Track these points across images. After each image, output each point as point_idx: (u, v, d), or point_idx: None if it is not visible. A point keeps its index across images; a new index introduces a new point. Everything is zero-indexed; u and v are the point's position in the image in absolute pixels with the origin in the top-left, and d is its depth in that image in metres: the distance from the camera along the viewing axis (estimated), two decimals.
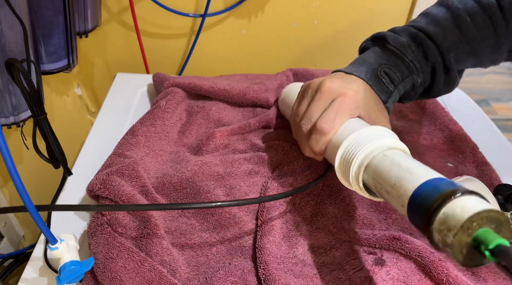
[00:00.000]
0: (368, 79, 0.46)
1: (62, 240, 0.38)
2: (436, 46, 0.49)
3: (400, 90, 0.48)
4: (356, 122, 0.43)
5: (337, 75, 0.48)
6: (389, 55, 0.48)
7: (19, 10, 0.47)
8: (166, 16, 0.83)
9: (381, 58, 0.48)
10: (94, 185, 0.45)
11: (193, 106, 0.62)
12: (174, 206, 0.46)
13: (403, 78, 0.48)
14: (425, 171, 0.33)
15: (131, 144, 0.52)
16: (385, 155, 0.37)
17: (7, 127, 0.54)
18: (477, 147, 0.56)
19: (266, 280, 0.39)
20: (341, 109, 0.43)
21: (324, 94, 0.45)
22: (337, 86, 0.45)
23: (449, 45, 0.49)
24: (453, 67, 0.49)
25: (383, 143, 0.38)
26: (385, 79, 0.47)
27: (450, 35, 0.49)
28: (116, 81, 0.73)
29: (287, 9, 0.84)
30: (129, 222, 0.44)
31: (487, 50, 0.50)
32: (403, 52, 0.48)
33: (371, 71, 0.47)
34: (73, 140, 0.83)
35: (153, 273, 0.38)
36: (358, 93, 0.44)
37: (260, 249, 0.42)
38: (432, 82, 0.51)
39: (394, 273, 0.41)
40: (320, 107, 0.45)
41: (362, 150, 0.38)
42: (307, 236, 0.45)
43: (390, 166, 0.35)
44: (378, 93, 0.46)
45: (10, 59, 0.42)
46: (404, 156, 0.36)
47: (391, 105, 0.48)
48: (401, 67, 0.48)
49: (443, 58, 0.49)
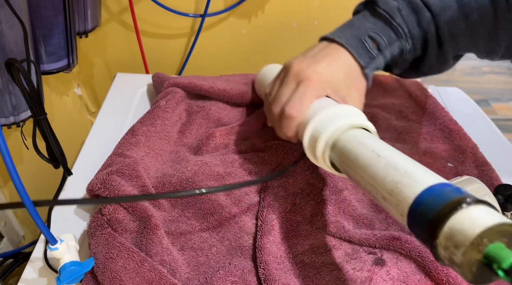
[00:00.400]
0: (350, 44, 0.46)
1: (62, 241, 0.38)
2: (432, 16, 0.47)
3: (386, 55, 0.48)
4: (322, 103, 0.43)
5: (312, 50, 0.48)
6: (377, 19, 0.48)
7: (19, 10, 0.47)
8: (166, 16, 0.83)
9: (368, 22, 0.48)
10: (94, 184, 0.45)
11: (193, 106, 0.62)
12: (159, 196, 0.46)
13: (390, 43, 0.47)
14: (426, 175, 0.30)
15: (131, 144, 0.52)
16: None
17: (7, 127, 0.54)
18: (477, 147, 0.56)
19: (266, 280, 0.39)
20: (306, 93, 0.44)
21: (291, 77, 0.46)
22: (305, 67, 0.45)
23: (445, 17, 0.47)
24: (446, 42, 0.48)
25: (347, 122, 0.38)
26: (369, 43, 0.46)
27: (448, 8, 0.47)
28: (116, 81, 0.73)
29: (287, 9, 0.84)
30: (129, 222, 0.44)
31: (484, 33, 0.48)
32: (391, 15, 0.47)
33: (355, 35, 0.47)
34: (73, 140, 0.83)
35: (153, 273, 0.38)
36: (324, 73, 0.44)
37: (260, 249, 0.42)
38: (423, 54, 0.50)
39: (394, 273, 0.41)
40: (288, 90, 0.46)
41: (325, 131, 0.39)
42: (307, 236, 0.45)
43: (384, 167, 0.32)
44: (357, 59, 0.46)
45: (10, 59, 0.42)
46: (394, 152, 0.34)
47: (370, 72, 0.47)
48: (389, 31, 0.47)
49: (437, 30, 0.48)
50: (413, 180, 0.29)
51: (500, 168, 0.53)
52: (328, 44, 0.47)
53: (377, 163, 0.33)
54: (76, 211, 0.50)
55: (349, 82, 0.46)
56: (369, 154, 0.34)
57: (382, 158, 0.33)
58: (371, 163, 0.33)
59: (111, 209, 0.44)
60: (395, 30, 0.47)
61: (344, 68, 0.46)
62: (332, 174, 0.50)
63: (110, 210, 0.44)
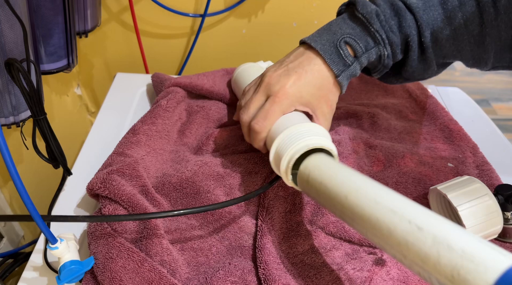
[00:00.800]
0: (324, 51, 0.46)
1: (62, 240, 0.37)
2: (414, 19, 0.46)
3: (362, 62, 0.47)
4: (287, 120, 0.45)
5: (288, 58, 0.48)
6: (354, 24, 0.47)
7: (19, 10, 0.47)
8: (166, 16, 0.83)
9: (347, 26, 0.47)
10: (94, 184, 0.45)
11: (193, 105, 0.62)
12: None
13: (367, 49, 0.46)
14: (489, 253, 0.24)
15: (132, 143, 0.52)
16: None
17: (7, 127, 0.54)
18: (477, 147, 0.56)
19: (266, 280, 0.39)
20: (271, 110, 0.45)
21: (262, 88, 0.47)
22: (274, 81, 0.46)
23: (428, 20, 0.46)
24: (429, 47, 0.47)
25: (306, 144, 0.40)
26: (344, 50, 0.46)
27: (431, 11, 0.46)
28: (115, 81, 0.73)
29: (287, 9, 0.84)
30: (129, 222, 0.44)
31: (470, 39, 0.46)
32: (369, 21, 0.46)
33: (331, 41, 0.46)
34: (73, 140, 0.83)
35: (153, 273, 0.38)
36: (292, 88, 0.45)
37: (260, 249, 0.42)
38: (405, 58, 0.49)
39: (394, 273, 0.40)
40: (257, 102, 0.47)
41: (286, 153, 0.41)
42: (307, 236, 0.45)
43: (427, 244, 0.26)
44: (331, 67, 0.46)
45: (10, 59, 0.42)
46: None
47: (344, 80, 0.47)
48: (366, 37, 0.46)
49: (419, 33, 0.47)
50: (476, 263, 0.23)
51: (500, 168, 0.53)
52: (303, 51, 0.47)
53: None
54: (76, 211, 0.50)
55: (319, 94, 0.46)
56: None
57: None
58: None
59: (111, 209, 0.44)
60: (372, 36, 0.46)
61: (315, 79, 0.46)
62: None
63: (110, 210, 0.44)
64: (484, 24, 0.45)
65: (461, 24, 0.46)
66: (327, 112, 0.47)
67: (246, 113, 0.47)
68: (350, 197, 0.32)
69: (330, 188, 0.35)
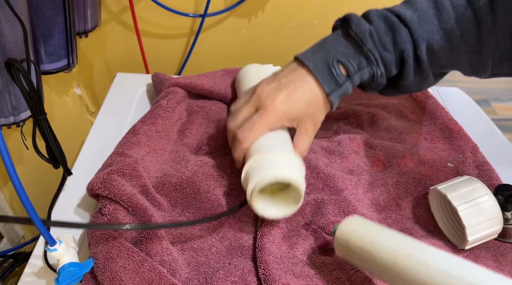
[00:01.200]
0: (316, 70, 0.46)
1: (61, 242, 0.37)
2: (409, 33, 0.46)
3: (355, 81, 0.47)
4: (268, 139, 0.45)
5: (282, 73, 0.48)
6: (348, 43, 0.46)
7: (19, 10, 0.47)
8: (166, 16, 0.83)
9: (340, 44, 0.47)
10: (95, 184, 0.45)
11: (193, 105, 0.62)
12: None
13: (359, 68, 0.46)
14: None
15: (132, 143, 0.52)
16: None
17: (7, 127, 0.54)
18: (477, 147, 0.56)
19: (266, 280, 0.39)
20: (257, 123, 0.45)
21: (254, 99, 0.47)
22: (266, 95, 0.46)
23: (423, 33, 0.45)
24: (425, 59, 0.46)
25: (272, 176, 0.41)
26: (337, 70, 0.46)
27: (426, 23, 0.45)
28: (116, 81, 0.73)
29: (287, 9, 0.84)
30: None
31: (467, 48, 0.46)
32: (362, 40, 0.45)
33: (323, 59, 0.46)
34: (73, 140, 0.83)
35: (153, 273, 0.38)
36: (282, 105, 0.45)
37: (260, 249, 0.42)
38: (401, 73, 0.48)
39: None
40: (246, 112, 0.47)
41: (252, 179, 0.41)
42: (307, 236, 0.45)
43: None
44: (322, 86, 0.46)
45: (10, 59, 0.42)
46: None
47: (336, 99, 0.46)
48: (359, 57, 0.46)
49: (415, 47, 0.46)
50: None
51: (500, 168, 0.53)
52: (296, 67, 0.47)
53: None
54: (76, 211, 0.50)
55: (308, 111, 0.46)
56: None
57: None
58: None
59: (111, 209, 0.44)
60: (365, 55, 0.46)
61: (306, 96, 0.46)
62: (333, 174, 0.50)
63: (110, 210, 0.44)
64: (482, 33, 0.44)
65: (457, 35, 0.45)
66: (311, 130, 0.48)
67: (233, 120, 0.48)
68: (399, 262, 0.32)
69: (375, 253, 0.34)
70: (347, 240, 0.37)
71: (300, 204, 0.43)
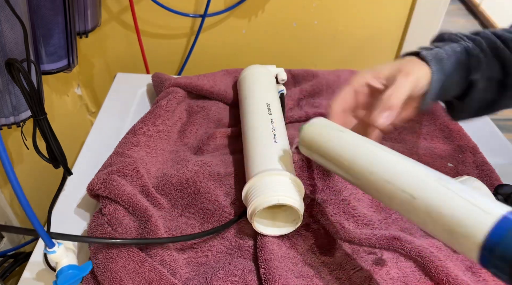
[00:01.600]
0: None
1: (60, 244, 0.37)
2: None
3: (446, 49, 0.44)
4: (274, 152, 0.47)
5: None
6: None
7: (19, 10, 0.47)
8: (166, 16, 0.83)
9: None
10: (95, 184, 0.45)
11: (193, 106, 0.62)
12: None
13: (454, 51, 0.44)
14: (492, 203, 0.27)
15: (132, 144, 0.52)
16: None
17: (7, 127, 0.54)
18: (477, 147, 0.56)
19: (267, 279, 0.39)
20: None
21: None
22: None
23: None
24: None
25: (274, 199, 0.41)
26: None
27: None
28: (116, 81, 0.73)
29: (287, 9, 0.84)
30: (130, 222, 0.44)
31: None
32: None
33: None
34: (73, 140, 0.83)
35: (153, 273, 0.38)
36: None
37: (261, 249, 0.42)
38: (499, 97, 0.46)
39: (394, 273, 0.40)
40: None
41: (252, 201, 0.42)
42: (307, 236, 0.45)
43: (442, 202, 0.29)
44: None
45: (10, 59, 0.42)
46: None
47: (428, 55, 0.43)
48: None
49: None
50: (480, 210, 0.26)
51: (500, 168, 0.53)
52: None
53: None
54: (76, 211, 0.50)
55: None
56: None
57: None
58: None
59: (111, 209, 0.44)
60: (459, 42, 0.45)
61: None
62: (333, 174, 0.50)
63: (111, 210, 0.44)
64: None
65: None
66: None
67: None
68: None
69: (335, 159, 0.38)
70: (311, 140, 0.41)
71: (299, 224, 0.44)
